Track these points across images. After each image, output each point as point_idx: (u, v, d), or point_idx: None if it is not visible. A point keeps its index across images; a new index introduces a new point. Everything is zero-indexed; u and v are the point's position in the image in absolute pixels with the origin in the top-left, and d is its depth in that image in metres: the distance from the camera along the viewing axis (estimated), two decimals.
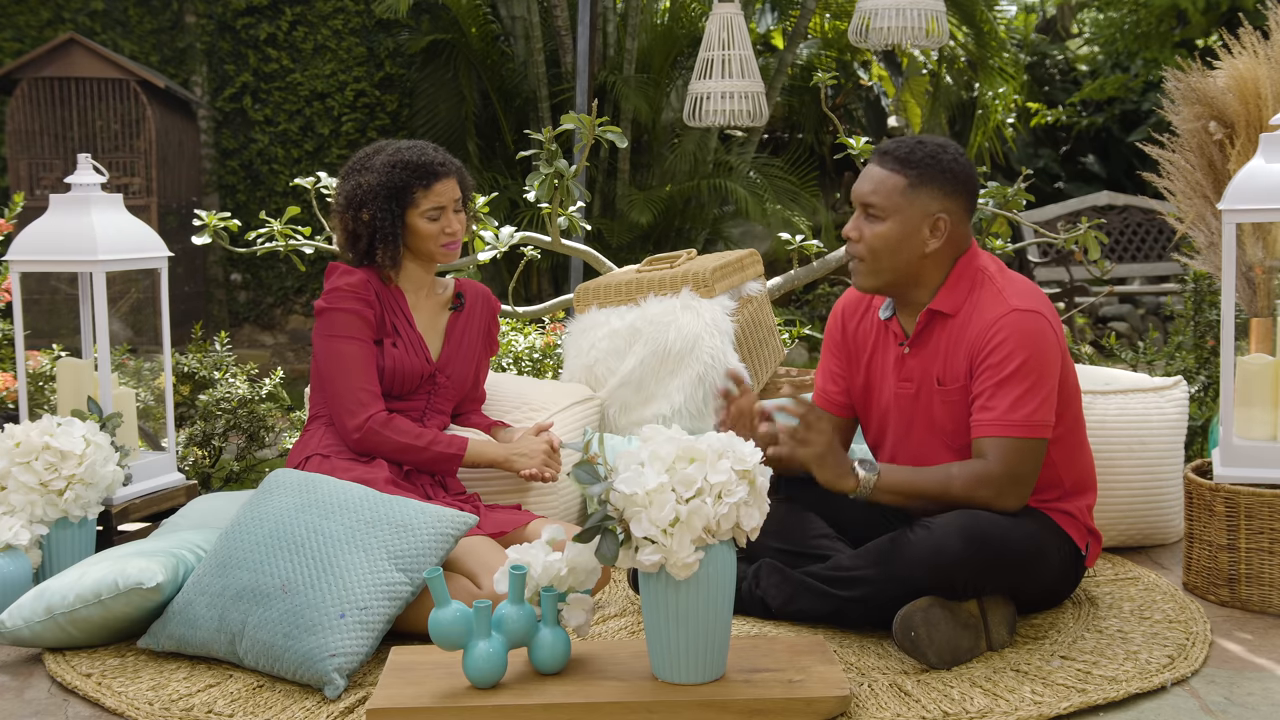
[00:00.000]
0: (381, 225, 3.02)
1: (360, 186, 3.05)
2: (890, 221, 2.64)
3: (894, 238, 2.64)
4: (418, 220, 3.05)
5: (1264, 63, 3.88)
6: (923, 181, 2.63)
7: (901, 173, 2.64)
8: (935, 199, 2.64)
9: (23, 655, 2.70)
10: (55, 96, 7.15)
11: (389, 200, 3.02)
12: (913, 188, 2.63)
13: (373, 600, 2.47)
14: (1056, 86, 11.10)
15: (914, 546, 2.51)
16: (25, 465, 2.95)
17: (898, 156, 2.65)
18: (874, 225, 2.66)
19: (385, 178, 3.03)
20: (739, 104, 4.82)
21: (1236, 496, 2.90)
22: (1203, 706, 2.33)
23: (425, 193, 3.04)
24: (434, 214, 3.05)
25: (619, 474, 2.22)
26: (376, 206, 3.02)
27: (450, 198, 3.08)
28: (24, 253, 3.37)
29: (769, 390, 4.10)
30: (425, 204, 3.04)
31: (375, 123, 8.29)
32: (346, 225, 3.08)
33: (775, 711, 2.22)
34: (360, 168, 3.08)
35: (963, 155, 2.69)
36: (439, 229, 3.06)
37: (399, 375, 3.00)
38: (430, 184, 3.04)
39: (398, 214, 3.03)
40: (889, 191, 2.64)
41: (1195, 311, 4.42)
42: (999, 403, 2.57)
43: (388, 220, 3.02)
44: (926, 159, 2.64)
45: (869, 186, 2.67)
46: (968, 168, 2.68)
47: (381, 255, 3.05)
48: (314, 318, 3.05)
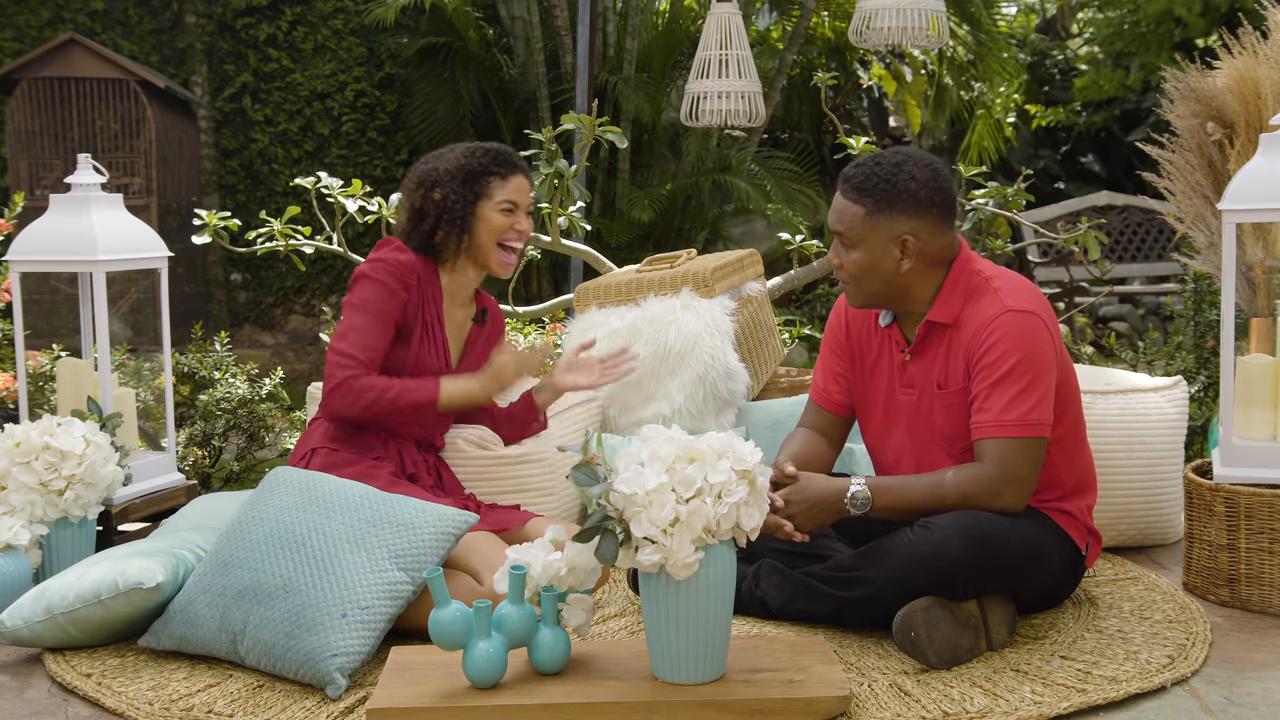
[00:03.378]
0: (451, 207, 2.95)
1: (436, 169, 2.99)
2: (860, 249, 2.64)
3: (867, 264, 2.65)
4: (489, 211, 2.97)
5: (1263, 63, 3.88)
6: (880, 208, 2.61)
7: (859, 201, 2.63)
8: (897, 221, 2.62)
9: (23, 655, 2.70)
10: (55, 96, 7.15)
11: (464, 184, 2.96)
12: (871, 215, 2.62)
13: (374, 599, 2.47)
14: (1056, 86, 11.09)
15: (914, 547, 2.51)
16: (25, 465, 2.95)
17: (855, 184, 2.63)
18: (849, 253, 2.67)
19: (464, 160, 2.98)
20: (736, 104, 4.82)
21: (1236, 496, 2.90)
22: (1203, 706, 2.33)
23: (502, 184, 2.98)
24: (508, 207, 2.99)
25: (619, 474, 2.22)
26: (450, 187, 2.96)
27: (526, 198, 3.02)
28: (24, 253, 3.37)
29: (769, 390, 4.10)
30: (500, 195, 2.98)
31: (375, 123, 8.29)
32: (414, 203, 2.99)
33: (775, 711, 2.22)
34: (437, 155, 3.04)
35: (924, 169, 2.63)
36: (509, 224, 2.99)
37: (416, 369, 2.95)
38: (508, 176, 2.99)
39: (470, 199, 2.96)
40: (851, 221, 2.64)
41: (1195, 311, 4.42)
42: (994, 403, 2.57)
43: (459, 204, 2.95)
44: (882, 184, 2.61)
45: (834, 217, 2.68)
46: (930, 181, 2.63)
47: (443, 238, 2.96)
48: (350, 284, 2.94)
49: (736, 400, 3.66)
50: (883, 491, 2.57)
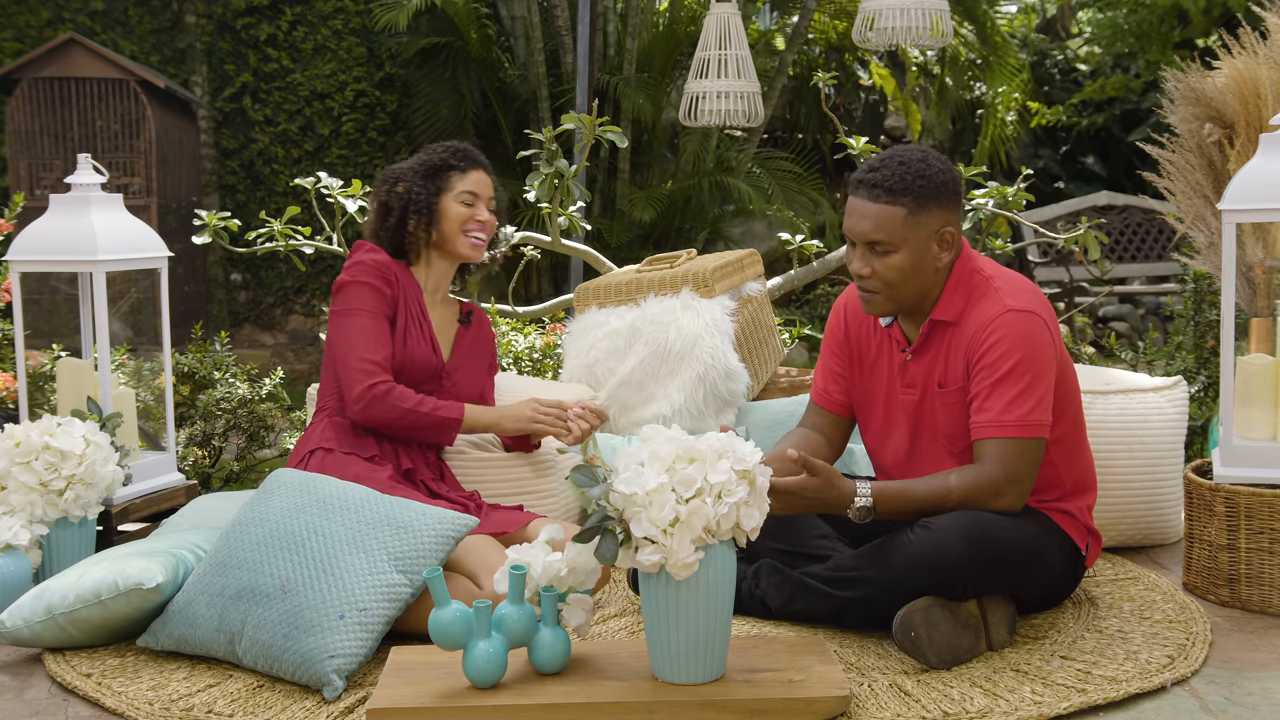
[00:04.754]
0: (416, 198, 3.07)
1: (399, 168, 3.15)
2: (902, 252, 2.60)
3: (909, 266, 2.61)
4: (450, 203, 3.09)
5: (1263, 63, 3.88)
6: (921, 205, 2.59)
7: (896, 203, 2.59)
8: (936, 215, 2.61)
9: (23, 655, 2.70)
10: (55, 96, 7.15)
11: (425, 177, 3.09)
12: (913, 214, 2.59)
13: (372, 602, 2.47)
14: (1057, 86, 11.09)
15: (914, 547, 2.51)
16: (25, 465, 2.95)
17: (887, 186, 2.59)
18: (885, 259, 2.61)
19: (425, 156, 3.14)
20: (735, 104, 4.82)
21: (1236, 496, 2.90)
22: (1203, 706, 2.33)
23: (461, 176, 3.10)
24: (467, 198, 3.09)
25: (619, 474, 2.22)
26: (413, 181, 3.09)
27: (486, 191, 3.14)
28: (24, 253, 3.37)
29: (769, 390, 4.10)
30: (460, 186, 3.09)
31: (375, 123, 8.29)
32: (380, 199, 3.13)
33: (775, 711, 2.22)
34: (405, 160, 3.19)
35: (941, 159, 2.65)
36: (470, 214, 3.09)
37: (410, 363, 3.00)
38: (467, 169, 3.12)
39: (432, 192, 3.08)
40: (892, 225, 2.59)
41: (1195, 311, 4.42)
42: (994, 403, 2.57)
43: (422, 195, 3.08)
44: (917, 181, 2.59)
45: (869, 225, 2.61)
46: (950, 170, 2.65)
47: (414, 228, 3.08)
48: (331, 297, 3.06)
49: (736, 400, 3.66)
50: (887, 501, 2.56)
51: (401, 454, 2.97)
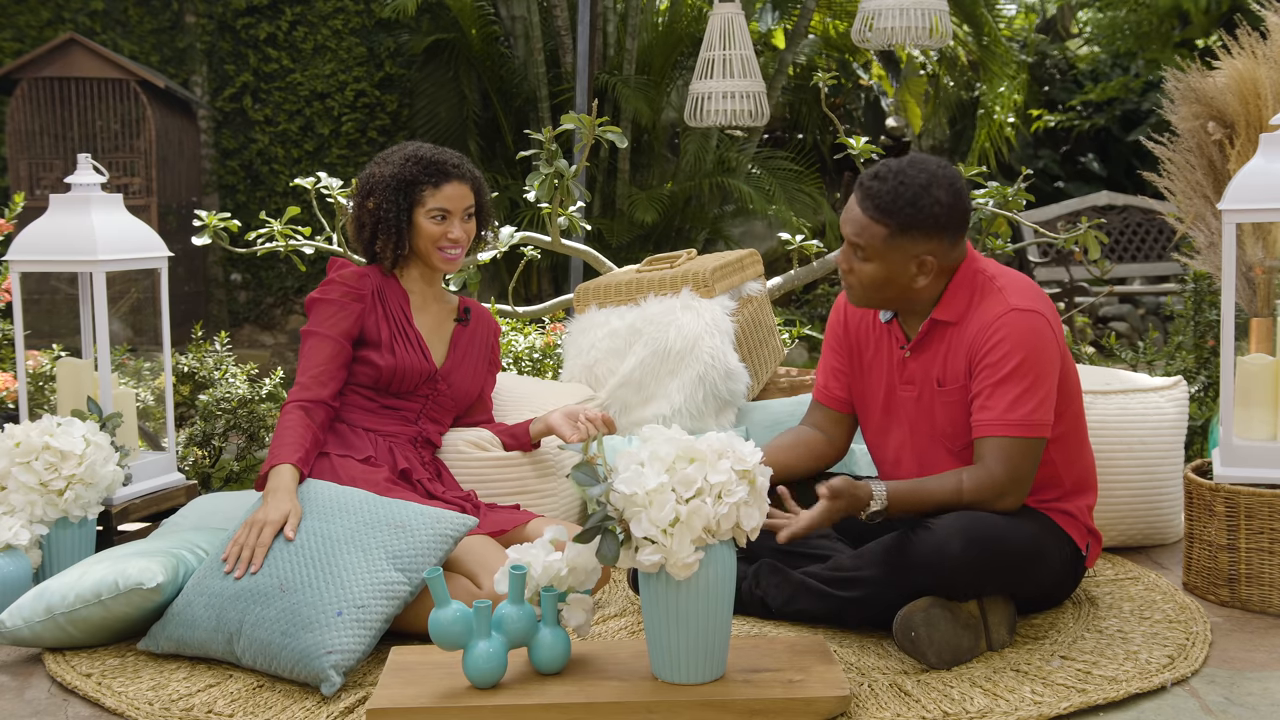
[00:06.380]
0: (385, 216, 3.02)
1: (374, 176, 3.07)
2: (875, 263, 2.61)
3: (881, 278, 2.62)
4: (422, 219, 3.04)
5: (1263, 63, 3.88)
6: (904, 230, 2.57)
7: (881, 222, 2.57)
8: (918, 243, 2.59)
9: (23, 655, 2.70)
10: (55, 96, 7.15)
11: (397, 192, 3.02)
12: (894, 237, 2.58)
13: (370, 599, 2.47)
14: (1057, 87, 11.09)
15: (914, 547, 2.51)
16: (25, 465, 2.95)
17: (878, 204, 2.57)
18: (863, 264, 2.63)
19: (398, 169, 3.04)
20: (740, 104, 4.82)
21: (1236, 496, 2.90)
22: (1203, 706, 2.33)
23: (434, 192, 3.03)
24: (438, 215, 3.04)
25: (619, 474, 2.22)
26: (383, 196, 3.03)
27: (460, 204, 3.06)
28: (24, 253, 3.37)
29: (769, 390, 4.10)
30: (431, 203, 3.03)
31: (375, 123, 8.29)
32: (355, 212, 3.09)
33: (775, 711, 2.22)
34: (381, 160, 3.10)
35: (949, 188, 2.58)
36: (441, 232, 3.04)
37: (398, 373, 2.99)
38: (440, 184, 3.03)
39: (404, 208, 3.03)
40: (870, 239, 2.59)
41: (1195, 311, 4.42)
42: (997, 402, 2.57)
43: (392, 212, 3.02)
44: (907, 206, 2.56)
45: (852, 229, 2.62)
46: (953, 204, 2.59)
47: (381, 247, 3.04)
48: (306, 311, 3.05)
49: (736, 400, 3.66)
50: (900, 502, 2.55)
51: (397, 455, 2.97)
